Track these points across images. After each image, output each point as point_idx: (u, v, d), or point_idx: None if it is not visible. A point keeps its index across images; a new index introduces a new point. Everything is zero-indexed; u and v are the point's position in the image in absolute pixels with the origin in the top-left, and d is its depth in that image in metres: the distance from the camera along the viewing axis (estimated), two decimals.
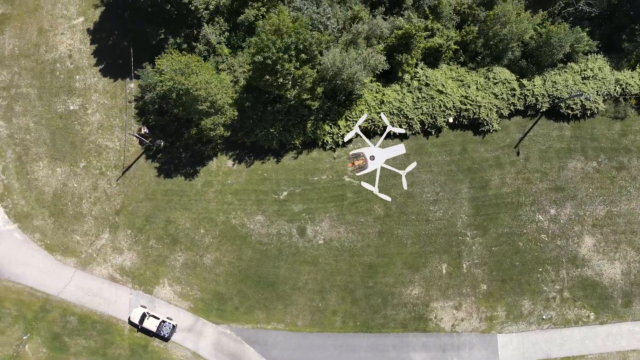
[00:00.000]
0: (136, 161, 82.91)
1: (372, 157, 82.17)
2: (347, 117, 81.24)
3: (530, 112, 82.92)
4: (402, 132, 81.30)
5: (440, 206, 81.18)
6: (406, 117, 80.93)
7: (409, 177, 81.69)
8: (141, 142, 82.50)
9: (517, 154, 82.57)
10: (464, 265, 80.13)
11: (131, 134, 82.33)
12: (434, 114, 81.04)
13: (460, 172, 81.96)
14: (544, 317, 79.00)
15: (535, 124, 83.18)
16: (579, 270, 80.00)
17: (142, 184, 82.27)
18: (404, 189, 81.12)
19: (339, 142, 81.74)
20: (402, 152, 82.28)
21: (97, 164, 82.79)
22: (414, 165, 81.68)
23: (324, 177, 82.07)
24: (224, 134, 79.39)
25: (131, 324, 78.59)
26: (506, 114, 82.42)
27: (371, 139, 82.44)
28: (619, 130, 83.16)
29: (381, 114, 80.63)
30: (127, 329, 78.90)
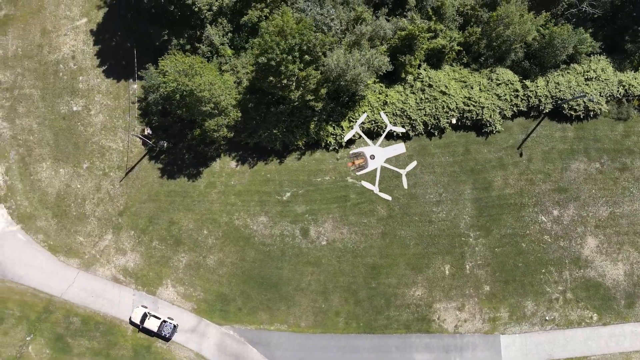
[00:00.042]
0: (139, 162, 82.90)
1: (372, 156, 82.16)
2: (350, 119, 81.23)
3: (533, 113, 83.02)
4: (402, 131, 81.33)
5: (443, 207, 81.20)
6: (409, 118, 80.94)
7: (411, 177, 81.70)
8: (144, 143, 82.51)
9: (520, 155, 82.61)
10: (467, 266, 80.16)
11: (134, 135, 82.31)
12: (437, 115, 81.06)
13: (463, 173, 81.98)
14: (547, 318, 79.02)
15: (538, 125, 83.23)
16: (582, 271, 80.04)
17: (145, 185, 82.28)
18: (405, 188, 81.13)
19: (342, 143, 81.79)
20: (402, 151, 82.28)
21: (100, 165, 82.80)
22: (414, 164, 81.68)
23: (327, 178, 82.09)
24: (227, 135, 79.40)
25: (132, 324, 78.64)
26: (509, 115, 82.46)
27: (373, 140, 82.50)
28: (621, 131, 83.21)
29: (381, 113, 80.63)
30: (130, 330, 78.92)
